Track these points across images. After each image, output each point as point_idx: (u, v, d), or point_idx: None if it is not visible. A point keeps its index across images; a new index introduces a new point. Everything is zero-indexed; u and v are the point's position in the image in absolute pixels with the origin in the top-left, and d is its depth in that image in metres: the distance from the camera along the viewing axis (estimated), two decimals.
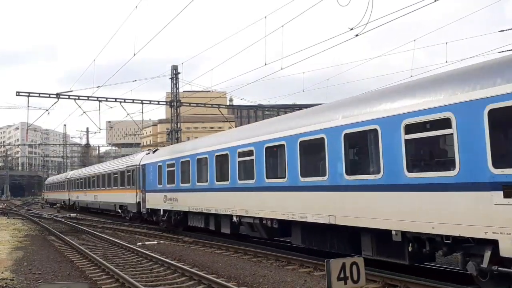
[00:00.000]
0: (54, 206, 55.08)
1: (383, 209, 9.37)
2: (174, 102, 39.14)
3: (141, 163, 24.57)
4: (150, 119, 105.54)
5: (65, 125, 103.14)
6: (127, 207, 27.33)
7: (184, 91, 44.95)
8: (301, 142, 11.92)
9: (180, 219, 20.34)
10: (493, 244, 7.36)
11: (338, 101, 11.88)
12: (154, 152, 24.24)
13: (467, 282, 9.32)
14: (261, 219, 13.83)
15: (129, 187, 26.72)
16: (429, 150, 9.15)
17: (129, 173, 26.76)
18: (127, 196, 26.90)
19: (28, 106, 31.25)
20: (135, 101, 35.72)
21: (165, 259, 13.53)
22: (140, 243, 18.38)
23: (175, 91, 39.31)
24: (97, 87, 32.56)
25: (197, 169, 17.95)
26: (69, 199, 46.75)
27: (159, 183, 21.59)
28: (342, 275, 6.76)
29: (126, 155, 59.58)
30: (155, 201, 22.21)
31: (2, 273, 12.49)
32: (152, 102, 37.24)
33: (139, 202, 24.67)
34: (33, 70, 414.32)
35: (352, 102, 10.92)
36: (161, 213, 21.56)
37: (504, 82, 7.38)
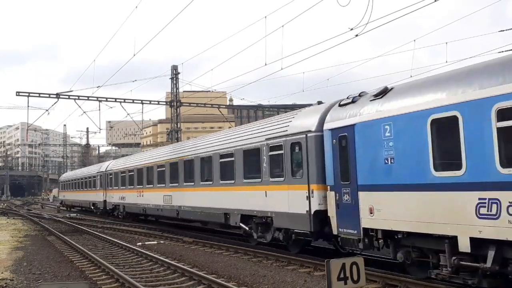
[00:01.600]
0: (72, 210, 45.52)
1: None
2: (174, 102, 39.17)
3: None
4: (150, 119, 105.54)
5: (65, 125, 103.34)
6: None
7: (184, 91, 45.03)
8: None
9: None
10: None
11: None
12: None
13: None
14: None
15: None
16: None
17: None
18: (290, 198, 13.18)
19: (28, 106, 31.35)
20: (135, 101, 35.76)
21: (165, 259, 13.53)
22: (140, 243, 18.37)
23: (175, 91, 39.35)
24: (97, 87, 32.64)
25: None
26: (105, 200, 32.94)
27: None
28: (342, 275, 6.76)
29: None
30: None
31: (2, 273, 12.50)
32: (152, 102, 37.30)
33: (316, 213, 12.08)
34: (33, 70, 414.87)
35: None
36: None
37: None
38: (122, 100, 34.62)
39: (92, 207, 36.82)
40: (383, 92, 10.51)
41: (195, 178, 19.23)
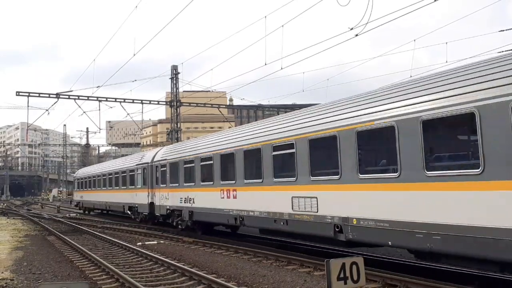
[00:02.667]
0: (91, 214, 39.64)
1: None
2: (174, 102, 39.17)
3: None
4: (150, 119, 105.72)
5: (65, 125, 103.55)
6: None
7: (184, 91, 45.07)
8: None
9: None
10: None
11: None
12: None
13: (467, 282, 9.32)
14: None
15: None
16: None
17: None
18: None
19: (28, 106, 31.36)
20: (135, 101, 35.78)
21: (165, 259, 13.53)
22: (140, 243, 18.38)
23: (175, 91, 39.35)
24: (97, 87, 32.70)
25: None
26: (151, 203, 24.04)
27: None
28: (342, 275, 6.76)
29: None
30: None
31: (2, 273, 12.50)
32: (152, 102, 37.32)
33: None
34: (34, 70, 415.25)
35: None
36: None
37: None
38: (122, 100, 34.66)
39: (129, 212, 27.83)
40: None
41: (401, 163, 9.39)
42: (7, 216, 39.60)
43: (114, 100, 34.61)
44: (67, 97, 33.17)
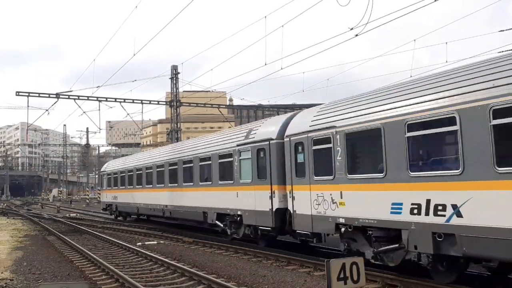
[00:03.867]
0: (127, 219, 30.44)
1: None
2: (174, 102, 39.17)
3: None
4: (150, 119, 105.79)
5: (65, 125, 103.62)
6: None
7: (184, 91, 45.07)
8: None
9: None
10: None
11: None
12: None
13: (467, 282, 9.31)
14: None
15: None
16: None
17: None
18: None
19: (28, 106, 31.35)
20: (135, 101, 35.77)
21: (165, 259, 13.52)
22: (140, 243, 18.37)
23: (175, 91, 39.35)
24: (97, 87, 32.70)
25: None
26: (280, 209, 13.67)
27: None
28: (342, 275, 6.76)
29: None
30: None
31: (2, 273, 12.50)
32: (152, 102, 37.32)
33: None
34: (34, 70, 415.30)
35: None
36: None
37: None
38: (122, 100, 34.66)
39: (218, 223, 17.41)
40: None
41: None
42: (7, 216, 39.58)
43: (114, 100, 34.60)
44: (67, 97, 33.17)
